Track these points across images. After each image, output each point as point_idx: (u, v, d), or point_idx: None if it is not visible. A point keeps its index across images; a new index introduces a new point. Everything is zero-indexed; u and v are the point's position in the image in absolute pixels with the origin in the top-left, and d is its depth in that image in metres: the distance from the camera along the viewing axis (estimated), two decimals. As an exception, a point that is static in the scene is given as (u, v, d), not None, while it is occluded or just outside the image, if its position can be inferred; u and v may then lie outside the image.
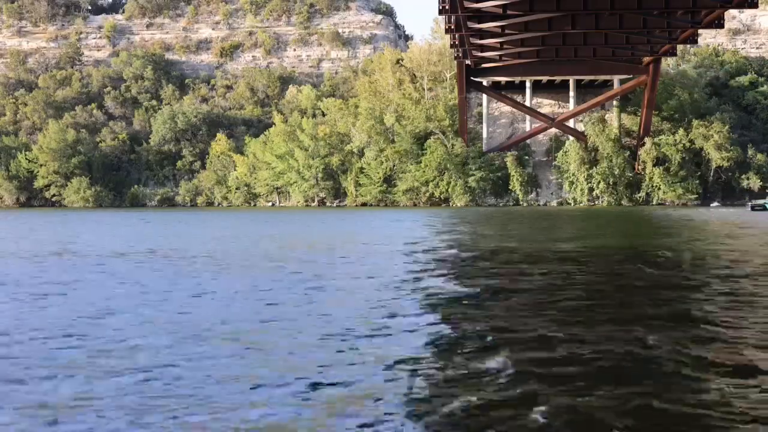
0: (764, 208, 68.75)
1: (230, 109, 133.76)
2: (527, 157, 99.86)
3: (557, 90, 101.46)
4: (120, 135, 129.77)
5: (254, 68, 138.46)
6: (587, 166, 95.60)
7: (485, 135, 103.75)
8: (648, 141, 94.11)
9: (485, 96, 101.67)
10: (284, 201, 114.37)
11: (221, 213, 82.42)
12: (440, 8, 62.68)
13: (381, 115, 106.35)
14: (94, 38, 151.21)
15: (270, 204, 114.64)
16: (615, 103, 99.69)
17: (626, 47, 78.53)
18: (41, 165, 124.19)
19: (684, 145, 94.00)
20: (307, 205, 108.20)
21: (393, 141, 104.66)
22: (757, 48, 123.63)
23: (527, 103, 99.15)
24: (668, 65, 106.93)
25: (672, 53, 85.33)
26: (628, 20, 65.54)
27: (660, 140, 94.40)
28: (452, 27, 68.95)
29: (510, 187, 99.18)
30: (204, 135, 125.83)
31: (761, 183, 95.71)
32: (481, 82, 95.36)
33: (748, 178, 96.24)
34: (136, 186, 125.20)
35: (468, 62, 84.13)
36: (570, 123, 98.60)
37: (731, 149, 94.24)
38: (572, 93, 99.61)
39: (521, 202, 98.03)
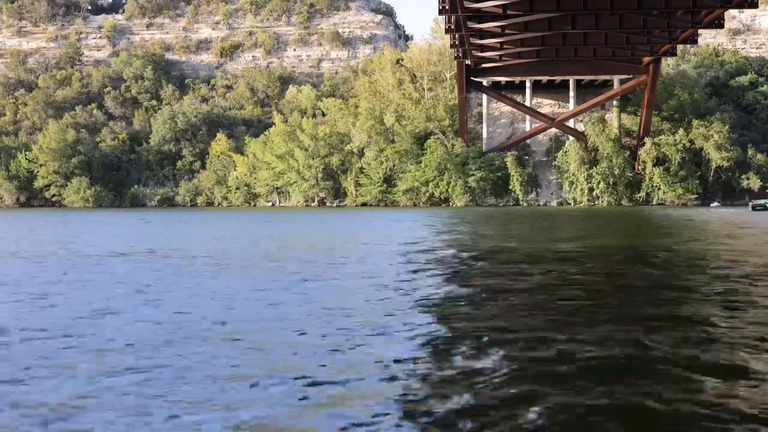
0: (765, 208, 68.66)
1: (230, 109, 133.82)
2: (527, 157, 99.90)
3: (557, 90, 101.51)
4: (120, 135, 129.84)
5: (254, 68, 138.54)
6: (587, 166, 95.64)
7: (485, 135, 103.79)
8: (648, 141, 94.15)
9: (485, 96, 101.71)
10: (284, 201, 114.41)
11: (221, 213, 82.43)
12: (440, 8, 62.73)
13: (381, 115, 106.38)
14: (94, 38, 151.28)
15: (270, 204, 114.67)
16: (615, 103, 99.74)
17: (626, 47, 78.59)
18: (41, 165, 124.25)
19: (684, 145, 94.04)
20: (307, 205, 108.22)
21: (393, 141, 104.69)
22: (757, 48, 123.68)
23: (527, 103, 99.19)
24: (668, 65, 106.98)
25: (672, 53, 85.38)
26: (628, 20, 65.58)
27: (660, 140, 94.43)
28: (452, 27, 69.01)
29: (510, 187, 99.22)
30: (204, 135, 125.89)
31: (761, 183, 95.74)
32: (481, 82, 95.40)
33: (748, 178, 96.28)
34: (136, 186, 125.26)
35: (468, 62, 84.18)
36: (570, 123, 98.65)
37: (731, 149, 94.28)
38: (572, 93, 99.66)
39: (521, 202, 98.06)
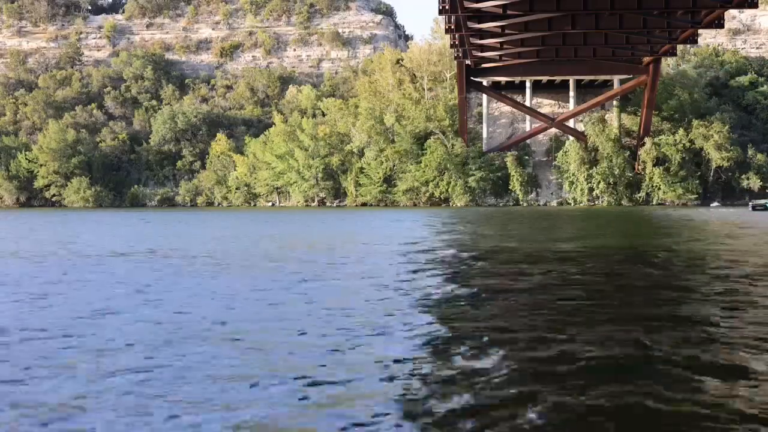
0: (765, 208, 68.61)
1: (230, 109, 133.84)
2: (527, 157, 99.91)
3: (557, 90, 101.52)
4: (120, 135, 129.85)
5: (254, 68, 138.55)
6: (587, 166, 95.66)
7: (485, 135, 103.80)
8: (648, 141, 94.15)
9: (485, 96, 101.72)
10: (284, 201, 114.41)
11: (221, 213, 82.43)
12: (440, 8, 62.75)
13: (381, 115, 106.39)
14: (94, 38, 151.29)
15: (270, 204, 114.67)
16: (615, 103, 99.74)
17: (626, 47, 78.60)
18: (41, 165, 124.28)
19: (684, 145, 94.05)
20: (307, 205, 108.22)
21: (393, 141, 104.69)
22: (757, 48, 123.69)
23: (527, 103, 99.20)
24: (668, 65, 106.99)
25: (672, 53, 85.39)
26: (628, 20, 65.60)
27: (660, 140, 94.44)
28: (452, 27, 69.03)
29: (510, 187, 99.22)
30: (204, 135, 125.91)
31: (761, 183, 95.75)
32: (481, 82, 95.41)
33: (748, 178, 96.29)
34: (136, 186, 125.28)
35: (468, 62, 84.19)
36: (570, 123, 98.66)
37: (731, 149, 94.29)
38: (572, 93, 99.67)
39: (521, 202, 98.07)
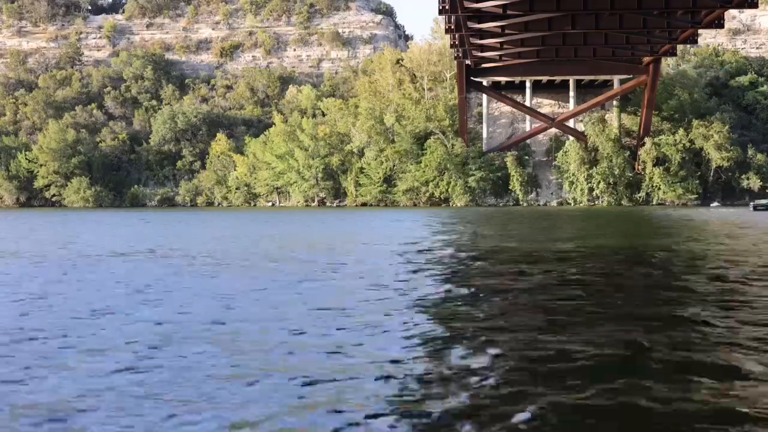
0: (767, 208, 68.49)
1: (230, 109, 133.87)
2: (527, 157, 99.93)
3: (557, 90, 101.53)
4: (120, 135, 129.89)
5: (254, 68, 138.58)
6: (587, 166, 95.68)
7: (485, 135, 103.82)
8: (648, 141, 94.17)
9: (485, 96, 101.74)
10: (284, 201, 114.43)
11: (221, 213, 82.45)
12: (440, 8, 62.76)
13: (381, 115, 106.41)
14: (94, 38, 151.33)
15: (270, 204, 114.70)
16: (615, 103, 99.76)
17: (626, 47, 78.62)
18: (41, 165, 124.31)
19: (684, 145, 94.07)
20: (307, 205, 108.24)
21: (393, 141, 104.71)
22: (757, 48, 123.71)
23: (527, 103, 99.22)
24: (668, 65, 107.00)
25: (672, 53, 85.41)
26: (628, 20, 65.61)
27: (660, 140, 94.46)
28: (452, 27, 69.04)
29: (510, 187, 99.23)
30: (204, 135, 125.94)
31: (761, 183, 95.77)
32: (481, 82, 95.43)
33: (748, 178, 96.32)
34: (136, 186, 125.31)
35: (468, 62, 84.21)
36: (570, 123, 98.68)
37: (731, 149, 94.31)
38: (572, 93, 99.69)
39: (521, 202, 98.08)
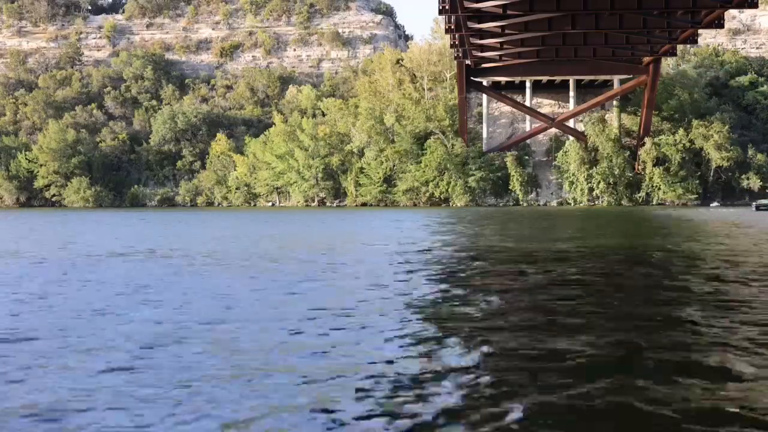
0: None
1: (230, 109, 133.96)
2: (527, 157, 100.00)
3: (557, 90, 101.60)
4: (120, 135, 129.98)
5: (254, 68, 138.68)
6: (587, 166, 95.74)
7: (485, 135, 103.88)
8: (648, 141, 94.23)
9: (485, 96, 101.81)
10: (284, 201, 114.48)
11: (221, 213, 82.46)
12: (440, 8, 62.82)
13: (381, 115, 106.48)
14: (94, 38, 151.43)
15: (270, 204, 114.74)
16: (615, 103, 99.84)
17: (626, 47, 78.69)
18: (41, 165, 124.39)
19: (684, 145, 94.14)
20: (307, 205, 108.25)
21: (393, 141, 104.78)
22: (757, 48, 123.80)
23: (527, 103, 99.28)
24: (668, 65, 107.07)
25: (672, 53, 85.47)
26: (628, 20, 65.66)
27: (660, 140, 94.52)
28: (452, 27, 69.11)
29: (510, 187, 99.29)
30: (204, 135, 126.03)
31: (761, 183, 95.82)
32: (481, 82, 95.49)
33: (748, 178, 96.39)
34: (136, 186, 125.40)
35: (468, 62, 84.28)
36: (570, 123, 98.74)
37: (731, 149, 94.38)
38: (572, 93, 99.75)
39: (521, 202, 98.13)
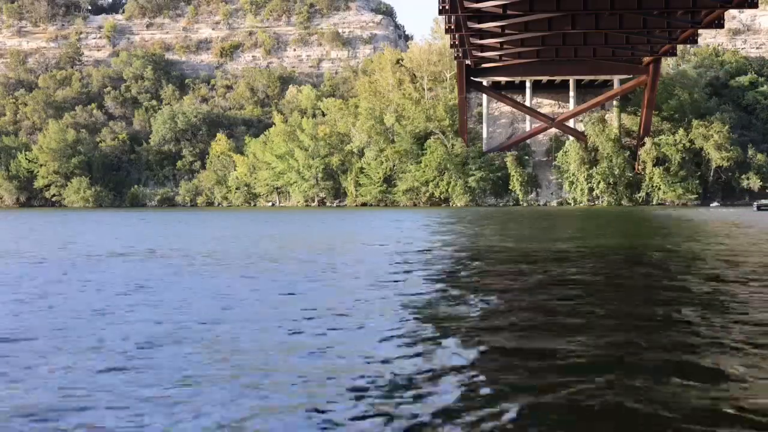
0: None
1: (230, 109, 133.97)
2: (527, 157, 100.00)
3: (557, 90, 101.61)
4: (120, 135, 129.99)
5: (254, 68, 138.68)
6: (587, 166, 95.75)
7: (485, 135, 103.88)
8: (648, 141, 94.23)
9: (485, 96, 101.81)
10: (284, 201, 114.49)
11: (221, 213, 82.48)
12: (440, 8, 62.83)
13: (381, 115, 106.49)
14: (94, 38, 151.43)
15: (270, 204, 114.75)
16: (615, 103, 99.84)
17: (626, 47, 78.70)
18: (41, 165, 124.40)
19: (684, 145, 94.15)
20: (307, 205, 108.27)
21: (393, 141, 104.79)
22: (757, 48, 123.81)
23: (527, 103, 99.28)
24: (668, 65, 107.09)
25: (672, 53, 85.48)
26: (628, 20, 65.67)
27: (660, 140, 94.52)
28: (452, 27, 69.12)
29: (510, 187, 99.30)
30: (204, 135, 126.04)
31: (761, 183, 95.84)
32: (481, 82, 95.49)
33: (748, 178, 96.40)
34: (136, 186, 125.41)
35: (468, 62, 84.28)
36: (570, 123, 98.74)
37: (731, 149, 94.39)
38: (572, 93, 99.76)
39: (521, 202, 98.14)
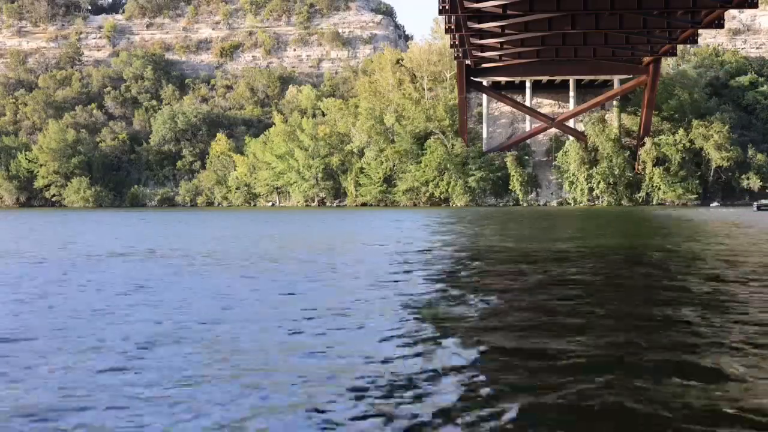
0: None
1: (230, 109, 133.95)
2: (527, 157, 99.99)
3: (557, 90, 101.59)
4: (120, 135, 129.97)
5: (254, 68, 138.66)
6: (587, 166, 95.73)
7: (485, 135, 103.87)
8: (648, 141, 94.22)
9: (485, 96, 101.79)
10: (284, 201, 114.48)
11: (221, 213, 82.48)
12: (440, 8, 62.82)
13: (381, 115, 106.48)
14: (94, 38, 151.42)
15: (270, 204, 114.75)
16: (615, 103, 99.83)
17: (626, 47, 78.68)
18: (41, 165, 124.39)
19: (684, 145, 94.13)
20: (307, 205, 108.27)
21: (393, 141, 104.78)
22: (757, 48, 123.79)
23: (527, 103, 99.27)
24: (668, 65, 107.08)
25: (672, 53, 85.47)
26: (628, 20, 65.66)
27: (660, 140, 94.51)
28: (452, 27, 69.11)
29: (510, 187, 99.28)
30: (204, 135, 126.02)
31: (761, 183, 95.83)
32: (481, 82, 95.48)
33: (748, 178, 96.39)
34: (136, 186, 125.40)
35: (468, 62, 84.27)
36: (570, 123, 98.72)
37: (731, 149, 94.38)
38: (572, 93, 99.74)
39: (521, 202, 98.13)
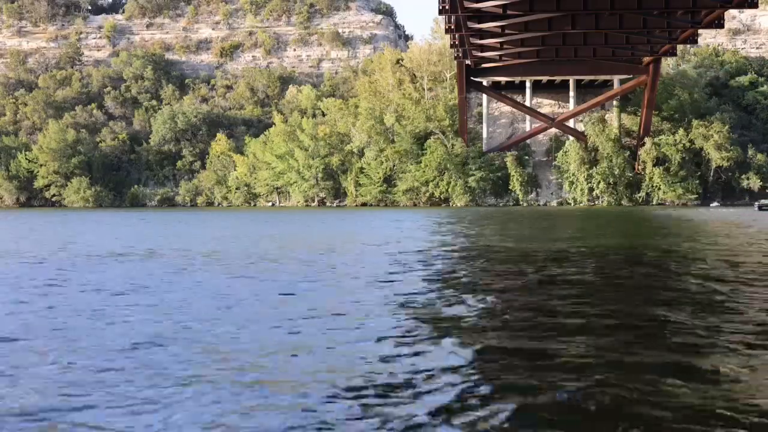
0: None
1: (230, 109, 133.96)
2: (527, 157, 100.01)
3: (557, 90, 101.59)
4: (120, 135, 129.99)
5: (254, 68, 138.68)
6: (587, 166, 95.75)
7: (485, 135, 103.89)
8: (648, 141, 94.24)
9: (485, 96, 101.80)
10: (284, 201, 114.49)
11: (221, 213, 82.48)
12: (440, 8, 62.82)
13: (381, 115, 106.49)
14: (94, 38, 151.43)
15: (270, 204, 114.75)
16: (615, 103, 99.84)
17: (626, 47, 78.68)
18: (41, 165, 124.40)
19: (684, 145, 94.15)
20: (307, 205, 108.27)
21: (393, 141, 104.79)
22: (757, 48, 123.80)
23: (527, 103, 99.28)
24: (668, 65, 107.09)
25: (672, 53, 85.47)
26: (628, 20, 65.66)
27: (660, 140, 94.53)
28: (452, 27, 69.12)
29: (510, 187, 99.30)
30: (204, 135, 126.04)
31: (761, 183, 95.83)
32: (481, 82, 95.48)
33: (748, 178, 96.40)
34: (136, 186, 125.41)
35: (468, 62, 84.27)
36: (570, 123, 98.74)
37: (731, 149, 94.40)
38: (572, 93, 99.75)
39: (521, 202, 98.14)
